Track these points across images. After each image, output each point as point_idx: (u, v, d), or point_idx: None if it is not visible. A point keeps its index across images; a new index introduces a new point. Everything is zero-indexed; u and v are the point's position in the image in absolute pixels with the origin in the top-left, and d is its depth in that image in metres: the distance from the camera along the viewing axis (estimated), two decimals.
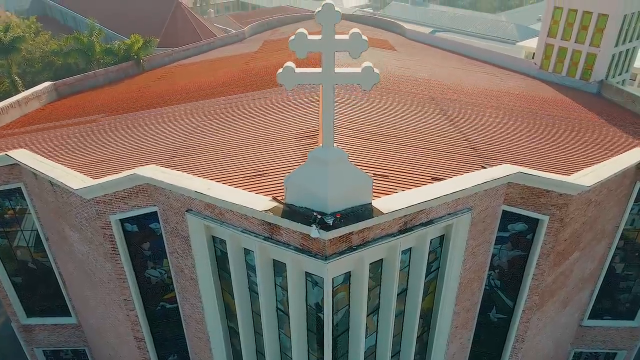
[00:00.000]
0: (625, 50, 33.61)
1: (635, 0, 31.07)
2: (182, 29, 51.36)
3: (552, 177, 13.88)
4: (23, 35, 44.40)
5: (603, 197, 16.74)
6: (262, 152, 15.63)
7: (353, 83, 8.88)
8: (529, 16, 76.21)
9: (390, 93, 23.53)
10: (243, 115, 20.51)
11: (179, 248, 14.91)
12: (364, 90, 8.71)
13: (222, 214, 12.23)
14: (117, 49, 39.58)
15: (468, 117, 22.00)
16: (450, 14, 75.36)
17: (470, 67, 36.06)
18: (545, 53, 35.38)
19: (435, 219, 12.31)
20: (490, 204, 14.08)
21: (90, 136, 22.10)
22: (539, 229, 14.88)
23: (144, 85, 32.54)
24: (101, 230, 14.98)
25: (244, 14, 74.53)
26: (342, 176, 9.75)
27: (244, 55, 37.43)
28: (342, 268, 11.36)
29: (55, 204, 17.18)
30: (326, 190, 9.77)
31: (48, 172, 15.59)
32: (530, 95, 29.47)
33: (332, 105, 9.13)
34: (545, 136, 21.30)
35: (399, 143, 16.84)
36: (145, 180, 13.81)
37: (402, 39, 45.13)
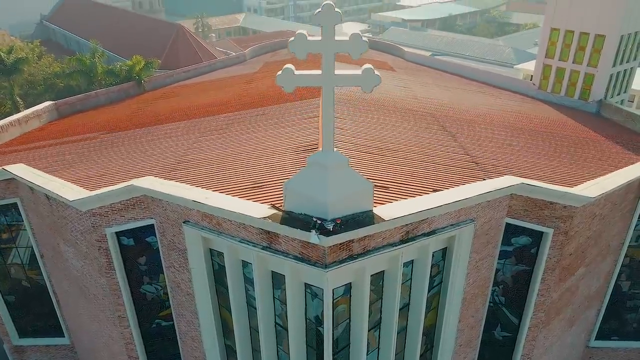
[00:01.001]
0: (623, 71, 33.88)
1: (631, 22, 31.47)
2: (184, 51, 51.97)
3: (555, 189, 13.68)
4: (26, 57, 44.91)
5: (607, 211, 16.49)
6: (261, 165, 15.47)
7: (353, 85, 8.77)
8: (526, 41, 77.40)
9: (390, 110, 23.55)
10: (242, 131, 20.44)
11: (175, 262, 14.58)
12: (364, 92, 8.59)
13: (219, 224, 11.97)
14: (118, 70, 39.94)
15: (468, 133, 21.94)
16: (448, 39, 76.52)
17: (469, 87, 36.29)
18: (544, 73, 35.64)
19: (437, 229, 12.05)
20: (494, 215, 13.83)
21: (88, 152, 21.98)
22: (543, 242, 14.59)
23: (144, 104, 32.67)
24: (96, 244, 14.68)
25: (245, 38, 75.71)
26: (342, 181, 9.54)
27: (244, 75, 37.74)
28: (343, 279, 11.03)
29: (51, 218, 16.91)
30: (326, 195, 9.55)
31: (44, 185, 15.39)
32: (530, 114, 29.54)
33: (332, 108, 9.00)
34: (546, 152, 21.19)
35: (400, 157, 16.69)
36: (142, 191, 13.60)
37: (401, 61, 45.59)
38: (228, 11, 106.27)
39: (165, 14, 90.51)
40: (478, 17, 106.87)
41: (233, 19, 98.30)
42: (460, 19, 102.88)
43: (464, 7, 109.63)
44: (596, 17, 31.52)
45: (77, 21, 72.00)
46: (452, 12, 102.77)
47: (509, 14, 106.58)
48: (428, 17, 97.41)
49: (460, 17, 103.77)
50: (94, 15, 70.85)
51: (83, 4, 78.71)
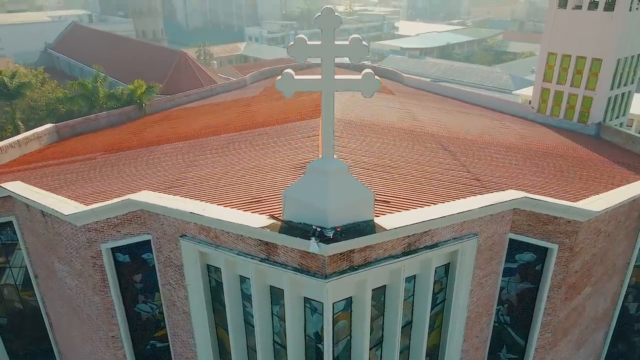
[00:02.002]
0: (621, 94, 34.10)
1: (628, 45, 31.86)
2: (186, 77, 52.54)
3: (559, 203, 13.47)
4: (29, 82, 45.31)
5: (612, 229, 16.22)
6: (260, 181, 15.30)
7: (354, 90, 8.69)
8: (523, 68, 78.45)
9: (389, 130, 23.56)
10: (241, 150, 20.37)
11: (171, 279, 14.23)
12: (365, 97, 8.50)
13: (217, 237, 11.70)
14: (120, 94, 40.22)
15: (468, 152, 21.87)
16: (447, 66, 77.58)
17: (468, 110, 36.47)
18: (542, 97, 35.84)
19: (440, 242, 11.77)
20: (497, 230, 13.56)
21: (87, 172, 21.84)
22: (548, 258, 14.27)
23: (144, 126, 32.76)
24: (91, 260, 14.36)
25: (246, 65, 76.79)
26: (342, 188, 9.34)
27: (244, 99, 37.99)
28: (343, 292, 10.69)
29: (46, 236, 16.63)
30: (326, 203, 9.33)
31: (40, 201, 15.18)
32: (529, 135, 29.57)
33: (332, 114, 8.89)
34: (547, 171, 21.07)
35: (400, 173, 16.54)
36: (139, 205, 13.38)
37: (401, 86, 46.03)
38: (230, 41, 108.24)
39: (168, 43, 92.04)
40: (475, 45, 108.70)
41: (234, 47, 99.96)
42: (457, 48, 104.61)
43: (461, 36, 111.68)
44: (592, 41, 31.91)
45: (81, 49, 73.15)
46: (449, 40, 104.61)
47: (506, 42, 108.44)
48: (426, 46, 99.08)
49: (458, 45, 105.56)
50: (97, 43, 72.05)
51: (87, 33, 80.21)
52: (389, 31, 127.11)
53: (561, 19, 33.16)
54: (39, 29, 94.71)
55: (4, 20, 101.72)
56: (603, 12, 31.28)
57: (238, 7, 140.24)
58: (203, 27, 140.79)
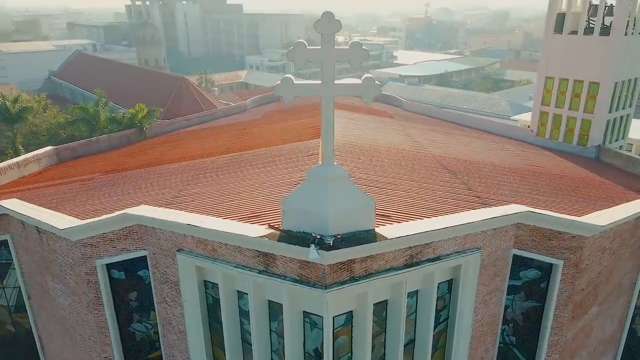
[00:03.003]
0: (620, 117, 34.25)
1: (624, 69, 32.18)
2: (187, 102, 52.99)
3: (563, 217, 13.25)
4: (31, 106, 45.66)
5: (617, 246, 15.94)
6: (258, 197, 15.11)
7: (354, 95, 8.61)
8: (521, 95, 79.25)
9: (389, 151, 23.52)
10: (241, 168, 20.27)
11: (167, 296, 13.86)
12: (365, 102, 8.42)
13: (214, 250, 11.43)
14: (121, 118, 40.45)
15: (469, 171, 21.76)
16: (445, 93, 78.42)
17: (467, 134, 36.58)
18: (541, 120, 35.98)
19: (442, 255, 11.49)
20: (500, 245, 13.29)
21: (84, 191, 21.68)
22: (553, 274, 13.94)
23: (144, 148, 32.78)
24: (85, 277, 14.03)
25: (246, 92, 77.66)
26: (343, 195, 9.15)
27: (244, 122, 38.17)
28: (344, 305, 10.35)
29: (41, 253, 16.33)
30: (326, 210, 9.12)
31: (36, 216, 14.96)
32: (529, 157, 29.54)
33: (331, 120, 8.78)
34: (549, 190, 20.91)
35: (401, 190, 16.37)
36: (135, 219, 13.15)
37: (400, 111, 46.35)
38: (231, 69, 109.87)
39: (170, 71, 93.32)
40: (473, 73, 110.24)
41: (235, 75, 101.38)
42: (456, 76, 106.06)
43: (459, 64, 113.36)
44: (589, 65, 32.25)
45: (84, 76, 74.08)
46: (447, 69, 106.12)
47: (503, 71, 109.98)
48: (425, 74, 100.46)
49: (456, 73, 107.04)
50: (100, 70, 73.01)
51: (90, 60, 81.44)
52: (387, 60, 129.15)
53: (557, 43, 33.60)
54: (43, 57, 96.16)
55: (9, 48, 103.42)
56: (599, 37, 31.72)
57: (239, 36, 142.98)
58: (205, 56, 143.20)
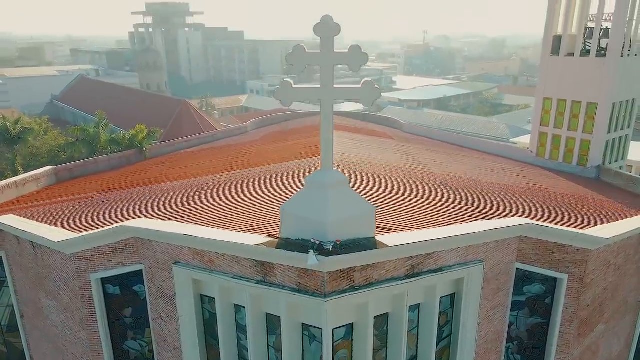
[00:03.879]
0: (619, 137, 34.30)
1: (622, 90, 32.39)
2: (187, 124, 53.25)
3: (567, 230, 13.04)
4: (32, 128, 45.84)
5: (622, 262, 15.66)
6: (256, 213, 14.92)
7: (353, 99, 8.55)
8: (519, 119, 79.73)
9: (389, 169, 23.45)
10: (240, 185, 20.14)
11: (163, 312, 13.51)
12: (364, 107, 8.34)
13: (211, 261, 11.19)
14: (121, 139, 40.55)
15: (470, 189, 21.63)
16: (444, 117, 79.00)
17: (466, 154, 36.61)
18: (540, 141, 36.03)
19: (444, 267, 11.25)
20: (503, 259, 13.04)
21: (82, 208, 21.49)
22: (558, 289, 13.64)
23: (143, 168, 32.73)
24: (79, 292, 13.72)
25: (247, 115, 78.18)
26: (342, 201, 8.99)
27: (245, 143, 38.25)
28: (344, 316, 10.05)
29: (35, 270, 16.03)
30: (326, 215, 8.94)
31: (31, 230, 14.74)
32: (529, 176, 29.46)
33: (331, 124, 8.70)
34: (551, 208, 20.73)
35: (401, 205, 16.20)
36: (132, 232, 12.93)
37: (400, 132, 46.53)
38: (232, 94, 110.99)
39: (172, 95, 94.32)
40: (471, 98, 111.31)
41: (236, 99, 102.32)
42: (454, 100, 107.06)
43: (457, 89, 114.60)
44: (587, 86, 32.46)
45: (86, 100, 74.73)
46: (446, 93, 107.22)
47: (501, 96, 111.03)
48: (423, 98, 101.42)
49: (455, 98, 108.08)
50: (102, 94, 73.70)
51: (93, 85, 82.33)
52: (386, 85, 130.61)
53: (555, 65, 33.93)
54: (45, 82, 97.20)
55: (12, 74, 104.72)
56: (595, 59, 32.05)
57: (240, 62, 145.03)
58: (206, 81, 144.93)
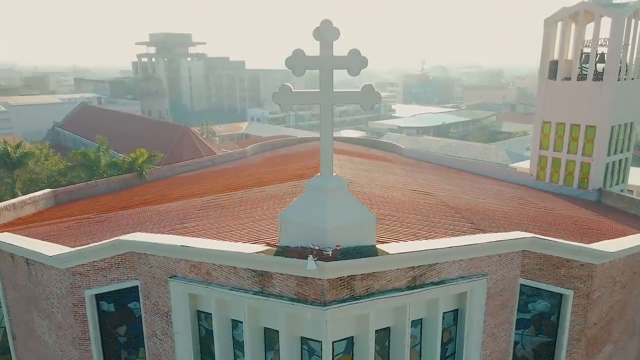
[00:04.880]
0: (619, 161, 34.28)
1: (619, 113, 32.58)
2: (188, 150, 53.47)
3: (571, 244, 12.82)
4: (32, 152, 45.92)
5: (627, 279, 15.35)
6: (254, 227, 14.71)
7: (352, 103, 8.50)
8: (518, 146, 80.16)
9: (388, 189, 23.35)
10: (240, 204, 19.98)
11: (158, 329, 13.14)
12: (364, 110, 8.29)
13: (208, 274, 10.93)
14: (121, 162, 40.56)
15: (471, 208, 21.46)
16: (443, 143, 79.40)
17: (466, 177, 36.55)
18: (540, 164, 36.00)
19: (447, 280, 10.97)
20: (507, 274, 12.76)
21: (78, 228, 21.25)
22: (563, 305, 13.31)
23: (142, 191, 32.61)
24: (72, 309, 13.39)
25: (247, 141, 78.53)
26: (342, 207, 8.82)
27: (244, 167, 38.25)
28: (344, 329, 9.72)
29: (28, 288, 15.70)
30: (325, 221, 8.75)
31: (26, 246, 14.51)
32: (529, 198, 29.30)
33: (330, 129, 8.63)
34: (554, 228, 20.50)
35: (401, 222, 16.00)
36: (128, 246, 12.71)
37: (400, 157, 46.60)
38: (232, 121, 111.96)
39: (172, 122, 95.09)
40: (470, 125, 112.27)
41: (236, 126, 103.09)
42: (453, 127, 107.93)
43: (456, 116, 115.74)
44: (585, 109, 32.65)
45: (87, 126, 75.22)
46: (445, 120, 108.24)
47: (500, 123, 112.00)
48: (423, 125, 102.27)
49: (454, 125, 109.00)
50: (103, 120, 74.28)
51: (94, 112, 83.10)
52: (386, 113, 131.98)
53: (552, 89, 34.24)
54: (48, 110, 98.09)
55: (16, 101, 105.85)
56: (592, 82, 32.37)
57: (241, 90, 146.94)
58: (207, 109, 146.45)
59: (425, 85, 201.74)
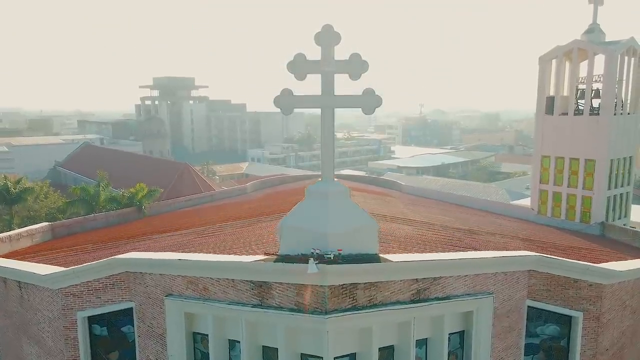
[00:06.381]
0: (620, 195, 34.14)
1: (618, 147, 32.74)
2: (188, 186, 53.43)
3: (578, 262, 12.51)
4: (32, 188, 45.84)
5: (637, 304, 14.89)
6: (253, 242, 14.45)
7: (354, 107, 8.49)
8: (518, 186, 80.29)
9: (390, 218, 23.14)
10: (239, 227, 19.78)
11: (152, 354, 12.60)
12: (365, 114, 8.27)
13: (205, 289, 10.57)
14: (120, 197, 40.40)
15: (473, 237, 21.17)
16: (443, 182, 79.57)
17: (467, 211, 36.30)
18: (541, 199, 35.85)
19: (452, 296, 10.61)
20: (513, 295, 12.37)
21: (75, 255, 20.87)
22: (573, 328, 12.82)
23: (141, 225, 32.31)
24: (63, 332, 12.89)
25: (247, 179, 78.73)
26: (343, 212, 8.61)
27: (243, 202, 38.10)
28: (346, 343, 9.27)
29: (19, 314, 15.20)
30: (326, 225, 8.52)
31: (18, 267, 14.16)
32: (533, 232, 28.97)
33: (332, 133, 8.57)
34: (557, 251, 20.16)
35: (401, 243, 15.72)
36: (124, 264, 12.38)
37: (400, 193, 46.48)
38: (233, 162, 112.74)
39: None
40: (469, 166, 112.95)
41: (237, 166, 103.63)
42: (452, 168, 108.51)
43: (455, 157, 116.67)
44: (583, 143, 32.83)
45: (89, 165, 75.51)
46: (444, 161, 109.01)
47: (498, 164, 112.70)
48: (422, 165, 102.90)
49: (453, 166, 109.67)
50: (104, 159, 74.66)
51: (96, 151, 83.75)
52: (385, 154, 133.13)
53: (550, 124, 34.58)
54: (50, 150, 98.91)
55: (19, 142, 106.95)
56: (589, 117, 32.72)
57: (242, 132, 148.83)
58: (208, 151, 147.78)
59: (424, 128, 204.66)
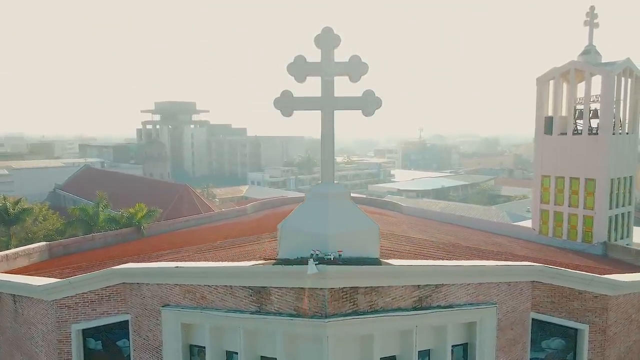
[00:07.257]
0: (621, 214, 33.97)
1: (618, 166, 32.72)
2: (188, 208, 53.29)
3: (582, 273, 12.32)
4: (31, 209, 45.70)
5: None
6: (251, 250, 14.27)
7: (354, 109, 8.47)
8: (518, 208, 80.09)
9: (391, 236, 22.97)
10: (238, 244, 19.55)
11: None
12: (365, 116, 8.26)
13: (203, 298, 10.35)
14: (119, 217, 40.22)
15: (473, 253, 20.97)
16: (444, 205, 79.41)
17: (469, 231, 36.05)
18: (542, 218, 35.66)
19: (454, 304, 10.38)
20: (517, 306, 12.13)
21: (72, 272, 20.60)
22: (579, 342, 12.52)
23: (139, 244, 32.06)
24: (57, 346, 12.59)
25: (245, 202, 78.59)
26: (343, 214, 8.49)
27: (242, 222, 37.91)
28: (346, 352, 9.01)
29: (13, 329, 14.89)
30: (326, 227, 8.39)
31: (13, 279, 13.93)
32: (535, 251, 28.71)
33: (332, 135, 8.53)
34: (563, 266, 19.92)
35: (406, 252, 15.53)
36: (121, 275, 12.18)
37: (400, 214, 46.26)
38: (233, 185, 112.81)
39: None
40: (469, 189, 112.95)
41: (237, 190, 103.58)
42: (452, 191, 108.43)
43: (455, 181, 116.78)
44: (583, 163, 32.85)
45: (88, 188, 75.49)
46: (444, 184, 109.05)
47: (498, 187, 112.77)
48: (422, 188, 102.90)
49: (453, 189, 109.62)
50: (104, 182, 74.69)
51: (96, 174, 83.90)
52: (385, 177, 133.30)
53: (549, 144, 34.68)
54: (50, 173, 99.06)
55: (20, 165, 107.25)
56: (588, 137, 32.82)
57: (242, 156, 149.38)
58: (208, 175, 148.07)
59: (424, 152, 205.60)
